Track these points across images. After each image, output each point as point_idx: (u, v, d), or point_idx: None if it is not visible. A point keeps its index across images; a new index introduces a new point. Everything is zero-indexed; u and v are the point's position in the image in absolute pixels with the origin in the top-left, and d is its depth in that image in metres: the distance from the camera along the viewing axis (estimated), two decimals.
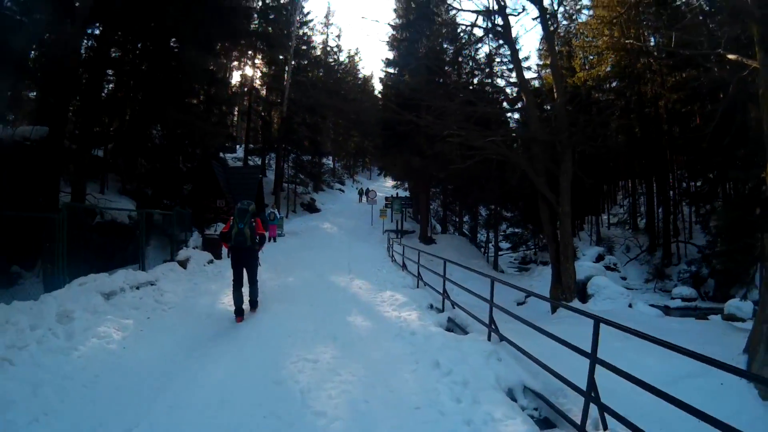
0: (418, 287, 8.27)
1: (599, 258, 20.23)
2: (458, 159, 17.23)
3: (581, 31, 24.02)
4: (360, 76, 48.80)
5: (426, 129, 13.33)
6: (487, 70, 20.14)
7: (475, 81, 22.79)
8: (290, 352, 4.46)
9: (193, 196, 17.90)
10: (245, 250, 5.70)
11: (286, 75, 26.80)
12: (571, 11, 25.49)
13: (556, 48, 17.81)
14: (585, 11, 24.20)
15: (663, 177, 24.03)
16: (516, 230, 29.61)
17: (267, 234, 11.75)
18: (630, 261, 22.97)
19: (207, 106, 20.71)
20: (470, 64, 23.23)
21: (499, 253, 27.49)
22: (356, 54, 44.77)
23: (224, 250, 11.65)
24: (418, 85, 16.95)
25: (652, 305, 13.58)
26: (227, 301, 6.64)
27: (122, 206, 13.77)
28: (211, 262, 10.34)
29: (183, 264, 8.67)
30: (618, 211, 31.13)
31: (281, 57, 27.58)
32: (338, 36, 45.07)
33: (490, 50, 21.44)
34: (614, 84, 24.25)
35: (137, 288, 6.18)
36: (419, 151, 17.62)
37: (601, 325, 2.90)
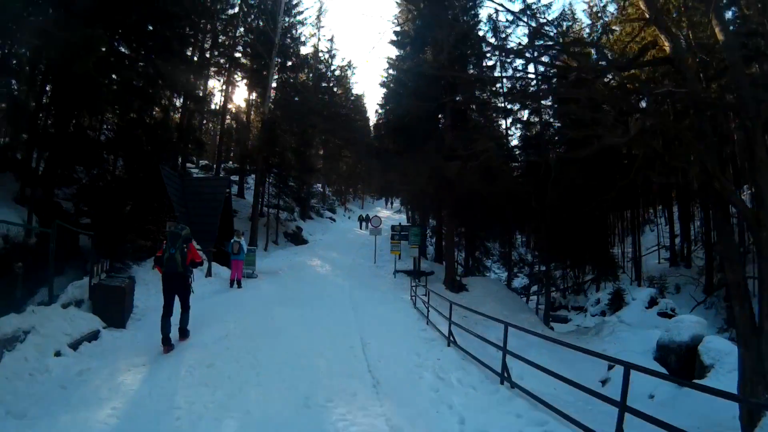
0: None
1: (652, 302, 15.39)
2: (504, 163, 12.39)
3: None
4: (353, 92, 44.51)
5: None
6: (531, 52, 15.23)
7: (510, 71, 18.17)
8: None
9: (133, 215, 12.35)
10: (176, 275, 5.30)
11: (270, 66, 21.93)
12: None
13: None
14: None
15: (718, 197, 19.62)
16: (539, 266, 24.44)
17: (203, 261, 8.05)
18: (697, 305, 18.19)
19: (162, 96, 15.50)
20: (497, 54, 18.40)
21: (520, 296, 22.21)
22: (348, 66, 39.86)
23: (137, 303, 6.46)
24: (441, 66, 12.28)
25: None
26: None
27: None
28: (93, 338, 4.90)
29: None
30: (647, 238, 26.78)
31: (264, 46, 22.67)
32: (330, 39, 39.56)
33: (532, 27, 16.43)
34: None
35: None
36: (451, 152, 12.47)
37: None
